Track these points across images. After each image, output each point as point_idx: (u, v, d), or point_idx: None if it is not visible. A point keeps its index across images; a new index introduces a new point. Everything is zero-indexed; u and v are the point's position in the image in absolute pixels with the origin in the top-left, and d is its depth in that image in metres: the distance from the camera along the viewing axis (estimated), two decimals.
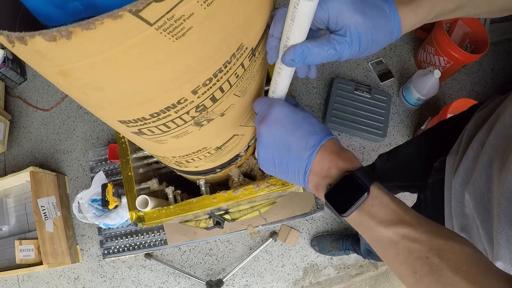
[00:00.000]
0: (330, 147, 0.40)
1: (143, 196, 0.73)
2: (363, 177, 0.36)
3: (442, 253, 0.32)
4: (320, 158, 0.39)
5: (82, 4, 0.32)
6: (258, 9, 0.33)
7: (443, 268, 0.31)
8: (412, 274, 0.33)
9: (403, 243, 0.33)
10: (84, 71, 0.27)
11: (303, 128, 0.40)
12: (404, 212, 0.35)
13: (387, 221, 0.34)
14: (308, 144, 0.39)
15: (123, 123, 0.40)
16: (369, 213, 0.36)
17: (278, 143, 0.41)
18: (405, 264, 0.33)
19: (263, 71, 0.48)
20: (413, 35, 1.74)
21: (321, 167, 0.39)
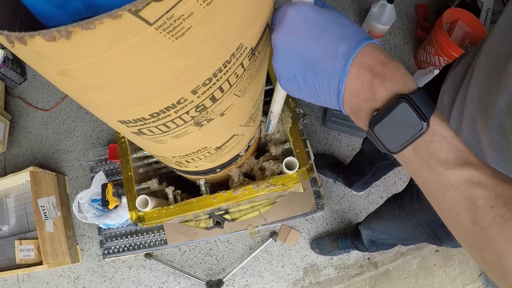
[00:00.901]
0: (371, 56, 0.30)
1: (143, 196, 0.73)
2: (422, 104, 0.28)
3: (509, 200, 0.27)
4: (359, 71, 0.30)
5: (82, 4, 0.32)
6: (257, 9, 0.33)
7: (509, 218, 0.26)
8: (471, 225, 0.28)
9: (466, 188, 0.28)
10: (84, 71, 0.27)
11: (331, 32, 0.31)
12: (469, 152, 0.29)
13: (450, 162, 0.28)
14: (339, 52, 0.30)
15: (123, 123, 0.40)
16: (427, 150, 0.29)
17: (299, 55, 0.32)
18: (464, 213, 0.28)
19: (263, 71, 0.48)
20: (413, 35, 1.74)
21: (361, 84, 0.30)
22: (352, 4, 1.79)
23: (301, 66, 0.33)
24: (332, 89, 0.32)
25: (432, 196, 0.31)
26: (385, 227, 0.93)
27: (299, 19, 0.32)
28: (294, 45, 0.32)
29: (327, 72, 0.31)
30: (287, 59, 0.34)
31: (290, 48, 0.33)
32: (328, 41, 0.31)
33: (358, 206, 1.53)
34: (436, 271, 1.49)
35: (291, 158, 0.71)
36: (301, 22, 0.32)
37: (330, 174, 1.51)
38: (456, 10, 1.53)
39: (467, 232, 0.29)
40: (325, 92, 0.33)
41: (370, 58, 0.30)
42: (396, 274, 1.48)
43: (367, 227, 1.05)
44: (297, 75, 0.34)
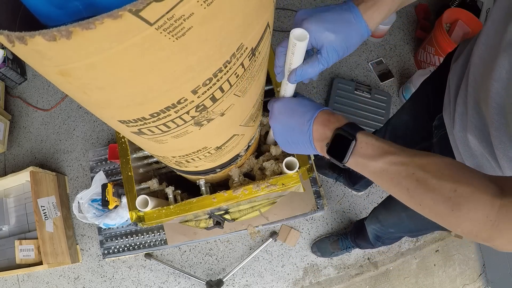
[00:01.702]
0: (322, 117, 0.49)
1: (143, 196, 0.73)
2: (349, 129, 0.45)
3: (425, 166, 0.38)
4: (317, 127, 0.49)
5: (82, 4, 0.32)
6: (258, 9, 0.33)
7: (427, 177, 0.37)
8: (406, 191, 0.39)
9: (392, 168, 0.40)
10: (84, 70, 0.27)
11: (298, 111, 0.51)
12: (388, 145, 0.42)
13: (376, 155, 0.42)
14: (305, 121, 0.50)
15: (123, 123, 0.40)
16: (361, 154, 0.43)
17: (285, 128, 0.53)
18: (398, 185, 0.40)
19: (263, 71, 0.48)
20: (413, 35, 1.74)
21: (319, 134, 0.48)
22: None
23: (288, 133, 0.53)
24: (307, 141, 0.50)
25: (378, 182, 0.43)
26: (396, 219, 0.93)
27: (281, 108, 0.54)
28: (281, 123, 0.53)
29: (302, 133, 0.50)
30: (280, 132, 0.54)
31: (280, 124, 0.54)
32: (298, 116, 0.51)
33: (358, 206, 1.53)
34: (436, 271, 1.49)
35: (291, 158, 0.71)
36: (282, 110, 0.53)
37: (331, 174, 1.51)
38: (456, 10, 1.53)
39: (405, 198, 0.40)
40: (304, 144, 0.51)
41: (321, 119, 0.49)
42: (396, 274, 1.48)
43: (375, 221, 1.05)
44: (287, 138, 0.54)
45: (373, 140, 0.43)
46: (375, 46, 1.72)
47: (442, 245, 1.51)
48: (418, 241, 1.50)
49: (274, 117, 0.54)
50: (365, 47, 1.72)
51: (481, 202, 0.34)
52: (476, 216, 0.34)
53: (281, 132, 0.54)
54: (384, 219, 1.01)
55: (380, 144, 0.42)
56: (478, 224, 0.34)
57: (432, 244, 1.50)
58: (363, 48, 1.72)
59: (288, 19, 1.77)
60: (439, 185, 0.36)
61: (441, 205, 0.36)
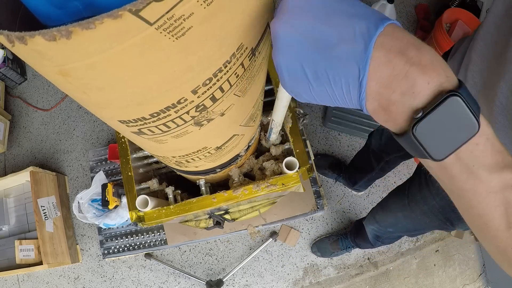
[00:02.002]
0: (398, 38, 0.24)
1: (143, 196, 0.73)
2: (472, 103, 0.24)
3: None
4: (387, 55, 0.24)
5: (82, 4, 0.32)
6: (258, 9, 0.33)
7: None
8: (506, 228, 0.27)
9: (505, 193, 0.26)
10: (84, 70, 0.27)
11: (342, 12, 0.26)
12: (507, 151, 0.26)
13: (492, 165, 0.26)
14: (357, 33, 0.25)
15: (123, 123, 0.40)
16: (472, 154, 0.26)
17: (306, 42, 0.26)
18: (500, 218, 0.27)
19: (263, 71, 0.48)
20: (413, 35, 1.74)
21: (391, 72, 0.24)
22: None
23: (310, 55, 0.26)
24: (351, 78, 0.25)
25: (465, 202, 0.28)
26: (393, 219, 0.93)
27: (302, 3, 0.27)
28: (299, 30, 0.26)
29: (344, 58, 0.25)
30: (292, 49, 0.27)
31: (295, 34, 0.27)
32: (341, 22, 0.25)
33: (358, 206, 1.53)
34: (436, 271, 1.49)
35: (291, 158, 0.71)
36: (304, 4, 0.26)
37: (331, 174, 1.51)
38: (456, 10, 1.53)
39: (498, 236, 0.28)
40: (342, 85, 0.26)
41: (398, 40, 0.24)
42: (396, 274, 1.48)
43: (373, 221, 1.05)
44: (306, 67, 0.27)
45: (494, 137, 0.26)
46: None
47: (442, 245, 1.51)
48: (418, 241, 1.50)
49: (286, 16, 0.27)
50: None
51: None
52: None
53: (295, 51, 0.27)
54: (381, 219, 1.01)
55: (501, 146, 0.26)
56: None
57: (432, 244, 1.50)
58: None
59: None
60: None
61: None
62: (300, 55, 0.27)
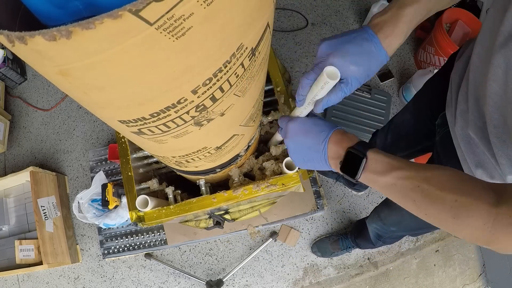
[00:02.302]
0: (336, 136, 0.52)
1: (143, 196, 0.73)
2: (360, 148, 0.48)
3: (429, 179, 0.41)
4: (332, 146, 0.52)
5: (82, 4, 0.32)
6: (258, 9, 0.33)
7: (431, 190, 0.41)
8: (412, 203, 0.43)
9: (399, 182, 0.44)
10: (84, 70, 0.27)
11: (313, 131, 0.54)
12: (396, 161, 0.45)
13: (385, 171, 0.45)
14: (320, 140, 0.53)
15: (123, 123, 0.40)
16: (371, 170, 0.47)
17: (301, 147, 0.56)
18: (405, 197, 0.44)
19: (263, 71, 0.48)
20: (413, 35, 1.74)
21: (334, 152, 0.52)
22: (352, 4, 1.79)
23: (303, 151, 0.56)
24: (322, 159, 0.53)
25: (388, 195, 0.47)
26: (398, 217, 0.94)
27: (296, 128, 0.56)
28: (297, 142, 0.56)
29: (317, 151, 0.53)
30: (295, 150, 0.57)
31: (295, 144, 0.57)
32: (313, 136, 0.54)
33: (358, 206, 1.53)
34: (436, 271, 1.49)
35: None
36: (297, 130, 0.56)
37: (331, 174, 1.51)
38: (456, 10, 1.53)
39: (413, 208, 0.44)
40: (319, 161, 0.54)
41: (336, 138, 0.52)
42: (396, 274, 1.48)
43: (377, 219, 1.05)
44: (303, 157, 0.57)
45: (382, 157, 0.47)
46: None
47: (442, 245, 1.51)
48: (418, 241, 1.50)
49: (290, 137, 0.57)
50: None
51: (479, 211, 0.37)
52: (475, 223, 0.38)
53: (296, 151, 0.57)
54: (385, 217, 1.01)
55: (389, 160, 0.46)
56: (477, 231, 0.38)
57: (432, 244, 1.50)
58: None
59: (288, 19, 1.77)
60: (442, 196, 0.40)
61: (444, 214, 0.40)
62: (300, 152, 0.57)
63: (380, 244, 1.15)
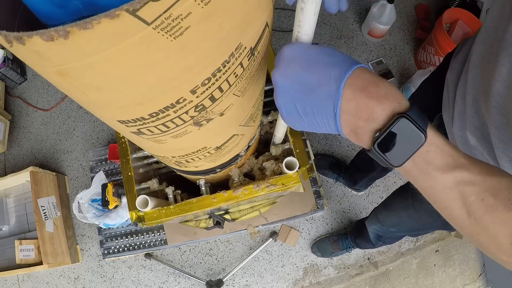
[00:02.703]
0: (362, 78, 0.32)
1: (143, 196, 0.73)
2: (419, 120, 0.31)
3: (498, 192, 0.31)
4: (353, 92, 0.32)
5: (82, 3, 0.32)
6: (257, 8, 0.33)
7: (498, 207, 0.31)
8: (467, 217, 0.33)
9: (459, 188, 0.32)
10: (82, 71, 0.27)
11: (321, 62, 0.34)
12: (459, 154, 0.33)
13: (444, 167, 0.32)
14: (331, 77, 0.33)
15: (122, 123, 0.40)
16: (425, 159, 0.33)
17: (296, 86, 0.35)
18: (460, 208, 0.33)
19: (263, 71, 0.48)
20: (413, 35, 1.74)
21: (357, 105, 0.32)
22: (352, 4, 1.79)
23: (299, 96, 0.36)
24: (329, 112, 0.34)
25: (430, 197, 0.35)
26: (397, 218, 0.93)
27: (293, 56, 0.36)
28: (291, 78, 0.36)
29: (323, 97, 0.34)
30: (287, 92, 0.37)
31: (288, 81, 0.36)
32: (320, 69, 0.34)
33: (358, 206, 1.53)
34: (436, 271, 1.49)
35: (291, 158, 0.71)
36: (294, 58, 0.36)
37: (331, 174, 1.51)
38: (456, 10, 1.53)
39: (464, 223, 0.33)
40: (322, 118, 0.35)
41: (362, 80, 0.32)
42: (396, 274, 1.48)
43: (376, 221, 1.05)
44: (297, 104, 0.36)
45: (444, 143, 0.33)
46: (375, 46, 1.72)
47: (442, 245, 1.51)
48: (418, 241, 1.50)
49: (281, 68, 0.36)
50: (365, 47, 1.72)
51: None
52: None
53: (288, 93, 0.36)
54: (384, 219, 1.01)
55: (451, 150, 0.33)
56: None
57: (432, 244, 1.50)
58: (363, 48, 1.71)
59: (288, 19, 1.77)
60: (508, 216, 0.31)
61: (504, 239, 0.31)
62: (293, 97, 0.36)
63: (380, 244, 1.15)
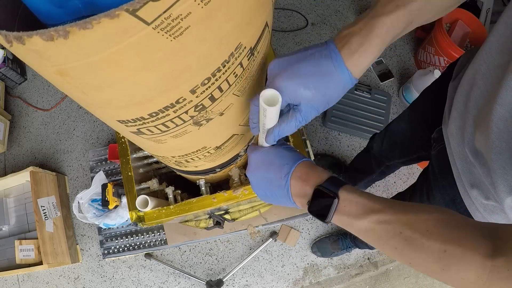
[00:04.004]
0: (301, 170, 0.46)
1: (143, 196, 0.73)
2: (330, 187, 0.42)
3: (413, 225, 0.36)
4: (295, 182, 0.45)
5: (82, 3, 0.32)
6: (256, 8, 0.33)
7: (416, 237, 0.36)
8: (394, 250, 0.38)
9: (378, 227, 0.38)
10: (82, 70, 0.27)
11: (275, 163, 0.47)
12: (372, 202, 0.40)
13: (360, 214, 0.40)
14: (282, 175, 0.46)
15: (122, 122, 0.40)
16: (344, 212, 0.41)
17: (263, 181, 0.49)
18: (386, 244, 0.38)
19: (263, 70, 0.48)
20: (413, 35, 1.74)
21: (298, 189, 0.45)
22: (352, 4, 1.79)
23: (266, 186, 0.49)
24: (285, 196, 0.47)
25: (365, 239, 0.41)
26: None
27: (256, 160, 0.49)
28: (258, 176, 0.49)
29: (280, 187, 0.46)
30: (258, 184, 0.50)
31: (257, 178, 0.50)
32: (275, 169, 0.47)
33: None
34: None
35: None
36: (258, 162, 0.49)
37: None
38: (456, 10, 1.52)
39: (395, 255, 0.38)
40: (283, 198, 0.47)
41: (300, 172, 0.45)
42: (396, 274, 1.48)
43: None
44: (266, 192, 0.49)
45: (357, 197, 0.41)
46: None
47: None
48: None
49: (251, 169, 0.50)
50: None
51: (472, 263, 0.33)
52: (468, 277, 0.33)
53: (258, 185, 0.50)
54: None
55: (364, 201, 0.40)
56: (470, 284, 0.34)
57: None
58: None
59: (288, 19, 1.77)
60: (428, 245, 0.35)
61: (432, 265, 0.35)
62: (262, 187, 0.49)
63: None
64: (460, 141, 0.56)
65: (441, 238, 0.34)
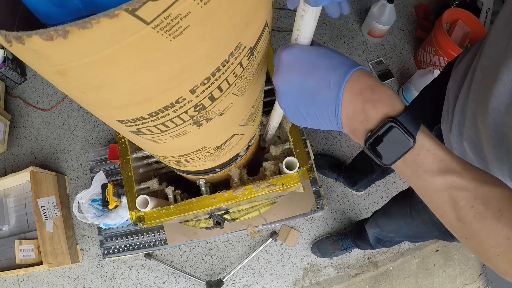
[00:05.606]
0: (360, 81, 0.34)
1: (143, 196, 0.73)
2: (409, 123, 0.33)
3: (487, 201, 0.32)
4: (351, 96, 0.34)
5: (81, 2, 0.32)
6: (256, 8, 0.33)
7: (486, 216, 0.32)
8: (456, 221, 0.34)
9: (449, 192, 0.33)
10: (81, 70, 0.27)
11: (322, 66, 0.35)
12: (451, 159, 0.33)
13: (434, 170, 0.33)
14: (331, 82, 0.34)
15: (122, 122, 0.40)
16: (415, 162, 0.34)
17: (298, 91, 0.37)
18: (450, 211, 0.34)
19: (263, 70, 0.48)
20: (413, 35, 1.74)
21: (354, 108, 0.34)
22: (352, 4, 1.79)
23: (302, 100, 0.37)
24: (331, 115, 0.36)
25: (423, 197, 0.36)
26: (395, 226, 0.94)
27: (292, 61, 0.37)
28: (293, 83, 0.37)
29: (325, 101, 0.35)
30: (289, 96, 0.38)
31: (290, 86, 0.37)
32: (321, 74, 0.35)
33: (358, 206, 1.52)
34: (436, 271, 1.49)
35: (291, 158, 0.71)
36: (294, 63, 0.37)
37: (330, 174, 1.51)
38: (456, 10, 1.53)
39: (454, 226, 0.35)
40: (325, 119, 0.37)
41: (360, 84, 0.34)
42: (396, 274, 1.48)
43: (375, 226, 1.05)
44: (300, 108, 0.38)
45: (435, 148, 0.33)
46: (375, 46, 1.72)
47: (442, 245, 1.51)
48: None
49: (283, 73, 0.37)
50: (365, 47, 1.72)
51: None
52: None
53: (291, 98, 0.38)
54: (383, 225, 1.01)
55: (443, 155, 0.33)
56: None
57: (432, 244, 1.50)
58: (363, 48, 1.71)
59: (288, 19, 1.77)
60: (495, 228, 0.32)
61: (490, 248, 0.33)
62: (296, 101, 0.38)
63: (380, 247, 1.15)
64: (458, 138, 0.56)
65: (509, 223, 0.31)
